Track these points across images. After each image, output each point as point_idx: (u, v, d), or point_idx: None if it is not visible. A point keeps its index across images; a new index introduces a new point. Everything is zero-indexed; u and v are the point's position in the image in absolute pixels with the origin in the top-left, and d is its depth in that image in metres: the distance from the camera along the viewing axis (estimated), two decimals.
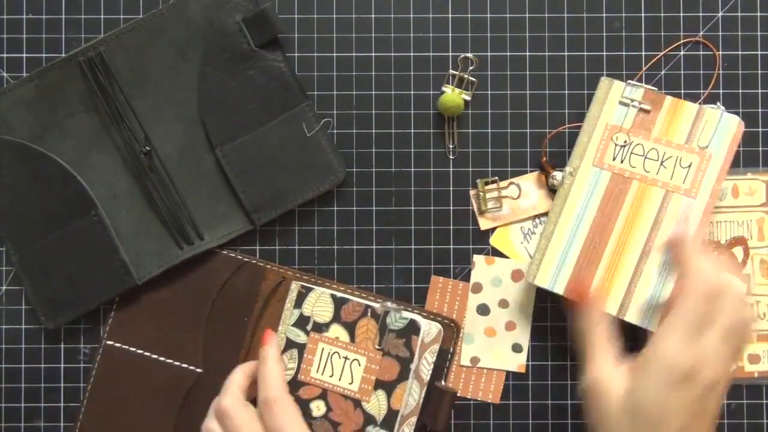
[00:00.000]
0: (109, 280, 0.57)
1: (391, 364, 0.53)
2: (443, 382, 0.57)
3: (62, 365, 0.59)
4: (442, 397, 0.55)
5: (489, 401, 0.59)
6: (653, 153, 0.56)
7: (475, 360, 0.59)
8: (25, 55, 0.60)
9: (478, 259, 0.59)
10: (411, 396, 0.54)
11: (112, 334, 0.58)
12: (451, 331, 0.57)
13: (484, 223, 0.59)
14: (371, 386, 0.54)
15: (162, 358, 0.57)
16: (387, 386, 0.54)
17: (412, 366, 0.53)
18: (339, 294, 0.55)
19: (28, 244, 0.58)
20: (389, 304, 0.55)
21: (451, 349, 0.57)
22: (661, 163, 0.56)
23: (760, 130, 0.60)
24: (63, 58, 0.58)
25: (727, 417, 0.59)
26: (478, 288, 0.59)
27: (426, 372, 0.54)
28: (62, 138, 0.58)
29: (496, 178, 0.59)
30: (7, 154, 0.58)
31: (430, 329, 0.55)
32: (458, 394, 0.58)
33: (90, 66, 0.57)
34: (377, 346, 0.54)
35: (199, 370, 0.57)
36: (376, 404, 0.53)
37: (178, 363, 0.57)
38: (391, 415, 0.53)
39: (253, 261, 0.58)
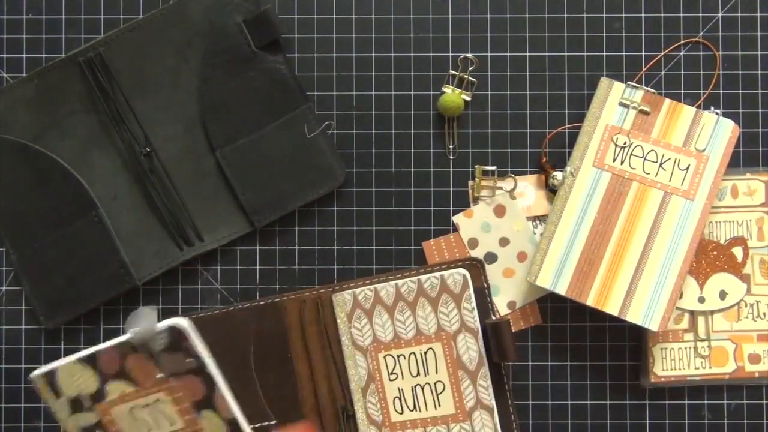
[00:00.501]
0: (108, 281, 0.57)
1: (190, 381, 0.49)
2: (493, 317, 0.57)
3: None
4: (500, 330, 0.54)
5: (537, 324, 0.59)
6: (652, 155, 0.56)
7: (512, 304, 0.59)
8: (25, 55, 0.60)
9: (458, 218, 0.59)
10: (469, 350, 0.54)
11: None
12: (476, 268, 0.57)
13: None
14: (193, 412, 0.50)
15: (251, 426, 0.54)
16: (204, 404, 0.50)
17: (211, 370, 0.49)
18: (83, 354, 0.49)
19: (27, 245, 0.58)
20: (137, 329, 0.48)
21: (485, 284, 0.57)
22: (660, 165, 0.56)
23: (760, 130, 0.60)
24: (63, 59, 0.58)
25: (727, 417, 0.59)
26: (474, 243, 0.59)
27: (472, 320, 0.55)
28: (62, 138, 0.58)
29: (495, 167, 0.59)
30: (7, 153, 0.57)
31: (453, 279, 0.55)
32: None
33: (90, 66, 0.57)
34: (159, 376, 0.49)
35: (273, 422, 0.57)
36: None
37: (256, 425, 0.56)
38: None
39: (270, 300, 0.58)
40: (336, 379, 0.57)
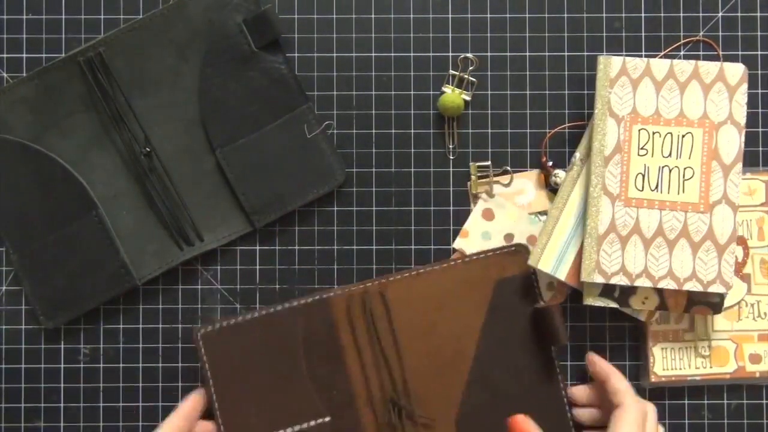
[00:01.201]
0: (108, 280, 0.57)
1: None
2: (541, 302, 0.58)
3: (62, 365, 0.59)
4: (549, 315, 0.55)
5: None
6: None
7: (551, 286, 0.59)
8: (25, 55, 0.60)
9: (458, 243, 0.59)
10: (730, 142, 0.54)
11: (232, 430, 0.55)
12: (519, 255, 0.58)
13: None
14: None
15: (290, 429, 0.55)
16: None
17: None
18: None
19: (27, 244, 0.58)
20: None
21: (532, 270, 0.57)
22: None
23: (759, 130, 0.60)
24: (63, 58, 0.58)
25: (727, 417, 0.59)
26: None
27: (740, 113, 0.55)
28: (62, 138, 0.58)
29: (489, 162, 0.59)
30: (7, 153, 0.57)
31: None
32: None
33: (90, 66, 0.57)
34: None
35: (327, 419, 0.56)
36: None
37: (306, 424, 0.55)
38: None
39: (316, 297, 0.57)
40: (386, 372, 0.57)
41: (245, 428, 0.55)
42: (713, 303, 0.56)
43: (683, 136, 0.55)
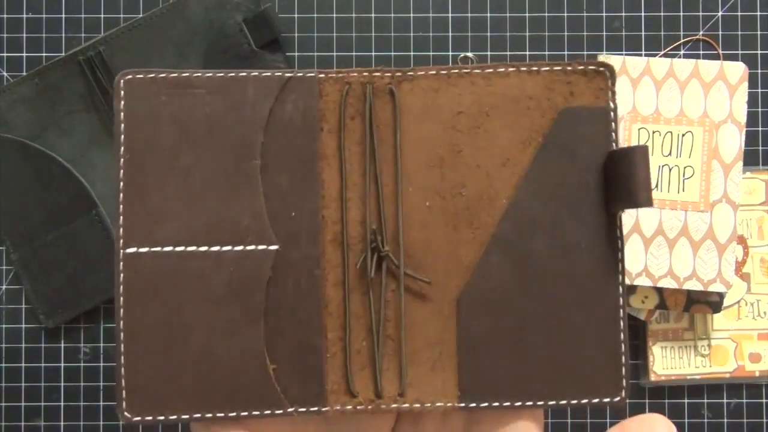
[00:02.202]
0: (109, 280, 0.57)
1: None
2: (615, 145, 0.40)
3: (62, 364, 0.59)
4: (630, 160, 0.37)
5: None
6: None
7: None
8: (25, 54, 0.60)
9: None
10: (730, 141, 0.50)
11: (129, 239, 0.37)
12: (600, 78, 0.40)
13: None
14: None
15: (215, 248, 0.38)
16: None
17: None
18: None
19: (28, 243, 0.58)
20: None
21: (613, 104, 0.40)
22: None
23: (759, 129, 0.60)
24: (63, 57, 0.58)
25: (727, 416, 0.59)
26: None
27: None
28: (62, 136, 0.58)
29: None
30: (7, 152, 0.58)
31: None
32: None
33: (90, 65, 0.57)
34: None
35: (273, 247, 0.38)
36: None
37: (240, 247, 0.38)
38: None
39: (299, 74, 0.39)
40: (374, 202, 0.39)
41: (148, 233, 0.37)
42: (713, 302, 0.56)
43: (683, 135, 0.55)
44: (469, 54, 0.60)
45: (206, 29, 0.58)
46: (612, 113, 0.39)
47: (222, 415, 0.37)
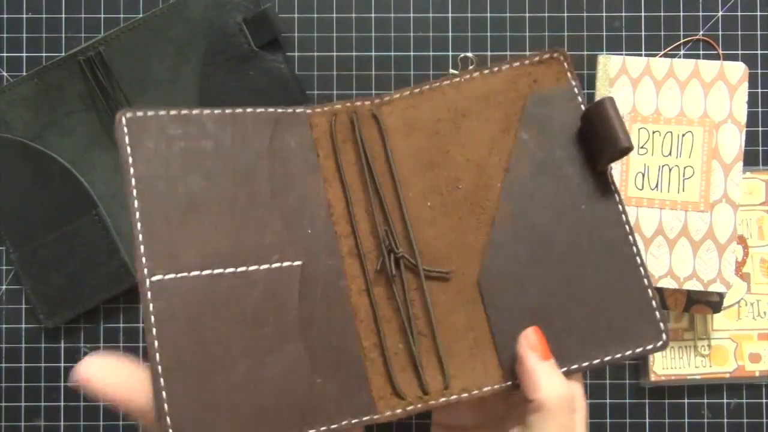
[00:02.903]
0: (109, 280, 0.57)
1: None
2: (582, 106, 0.43)
3: (62, 364, 0.59)
4: (601, 110, 0.40)
5: None
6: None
7: None
8: (25, 54, 0.60)
9: None
10: (731, 142, 0.51)
11: (154, 267, 0.37)
12: (557, 64, 0.43)
13: None
14: None
15: (242, 269, 0.38)
16: None
17: None
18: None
19: (28, 243, 0.58)
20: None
21: (576, 83, 0.43)
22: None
23: (759, 129, 0.60)
24: (63, 57, 0.58)
25: (727, 417, 0.59)
26: None
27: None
28: (62, 137, 0.58)
29: None
30: (7, 152, 0.58)
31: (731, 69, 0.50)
32: None
33: (90, 65, 0.57)
34: None
35: (298, 262, 0.39)
36: None
37: (267, 265, 0.38)
38: None
39: (289, 110, 0.42)
40: (379, 212, 0.41)
41: (173, 259, 0.37)
42: (713, 302, 0.56)
43: (683, 135, 0.55)
44: (469, 54, 0.60)
45: (206, 29, 0.58)
46: (575, 89, 0.43)
47: None
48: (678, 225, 0.55)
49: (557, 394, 0.36)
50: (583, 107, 0.42)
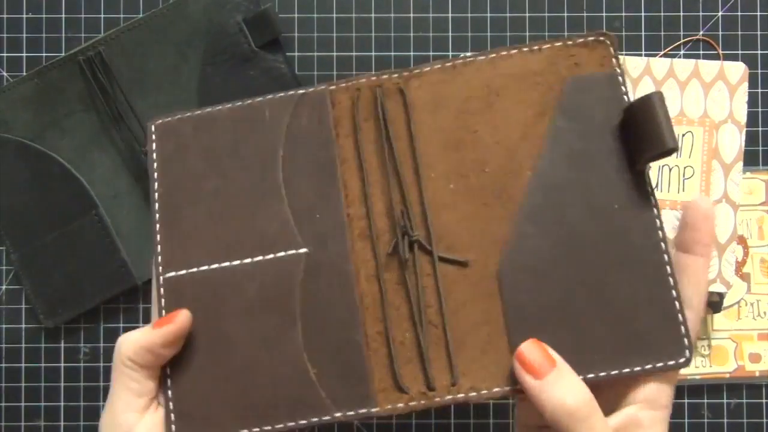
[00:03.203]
0: (109, 280, 0.57)
1: None
2: (626, 97, 0.39)
3: (62, 364, 0.59)
4: (648, 107, 0.37)
5: None
6: None
7: None
8: (24, 54, 0.60)
9: None
10: (731, 142, 0.49)
11: (168, 264, 0.39)
12: (602, 47, 0.40)
13: None
14: None
15: (247, 260, 0.39)
16: None
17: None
18: None
19: (28, 243, 0.58)
20: None
21: (619, 69, 0.40)
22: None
23: (759, 129, 0.60)
24: (63, 58, 0.58)
25: (727, 416, 0.59)
26: None
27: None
28: (62, 137, 0.58)
29: None
30: (7, 152, 0.58)
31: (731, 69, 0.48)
32: None
33: (90, 65, 0.57)
34: None
35: (302, 250, 0.38)
36: None
37: (270, 255, 0.39)
38: None
39: (311, 89, 0.41)
40: (397, 194, 0.39)
41: (185, 257, 0.39)
42: (713, 302, 0.56)
43: (683, 135, 0.55)
44: (469, 54, 0.60)
45: (206, 29, 0.58)
46: (620, 77, 0.39)
47: (269, 428, 0.36)
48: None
49: (565, 412, 0.34)
50: (626, 98, 0.39)
